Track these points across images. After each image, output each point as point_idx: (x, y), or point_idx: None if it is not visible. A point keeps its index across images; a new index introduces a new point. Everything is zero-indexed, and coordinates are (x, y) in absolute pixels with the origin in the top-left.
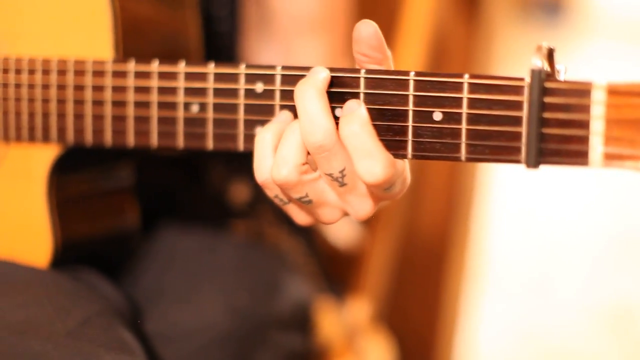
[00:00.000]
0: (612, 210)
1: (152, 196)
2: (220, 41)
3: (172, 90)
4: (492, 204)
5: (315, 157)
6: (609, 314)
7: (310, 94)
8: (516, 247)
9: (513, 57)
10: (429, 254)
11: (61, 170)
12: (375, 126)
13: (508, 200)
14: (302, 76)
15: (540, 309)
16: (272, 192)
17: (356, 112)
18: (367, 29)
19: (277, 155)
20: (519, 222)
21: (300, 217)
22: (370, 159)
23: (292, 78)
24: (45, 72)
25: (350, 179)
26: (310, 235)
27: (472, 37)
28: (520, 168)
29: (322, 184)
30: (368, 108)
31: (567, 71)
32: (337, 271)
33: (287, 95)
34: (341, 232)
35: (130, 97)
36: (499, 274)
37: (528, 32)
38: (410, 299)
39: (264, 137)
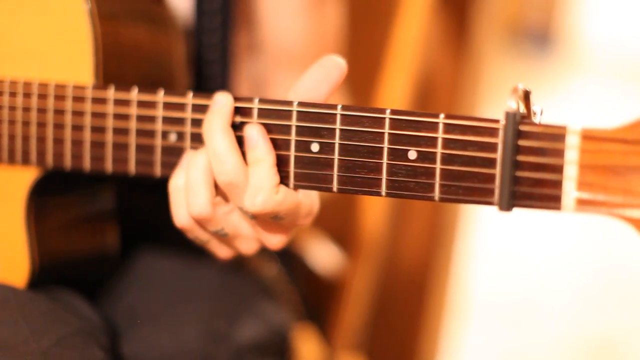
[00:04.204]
0: (595, 246)
1: (133, 220)
2: (210, 69)
3: (151, 119)
4: (475, 236)
5: (226, 192)
6: (592, 348)
7: (217, 131)
8: (498, 280)
9: (501, 89)
10: (410, 285)
11: (40, 193)
12: (350, 162)
13: (491, 233)
14: (280, 111)
15: (521, 342)
16: (192, 234)
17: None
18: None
19: (188, 192)
20: (501, 255)
21: (221, 251)
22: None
23: (270, 112)
24: (27, 95)
25: None
26: (291, 263)
27: (460, 69)
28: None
29: (235, 216)
30: (343, 144)
31: (544, 113)
32: (317, 299)
33: (266, 127)
34: (323, 261)
35: (110, 123)
36: (480, 306)
37: (517, 64)
38: (390, 329)
39: (177, 183)
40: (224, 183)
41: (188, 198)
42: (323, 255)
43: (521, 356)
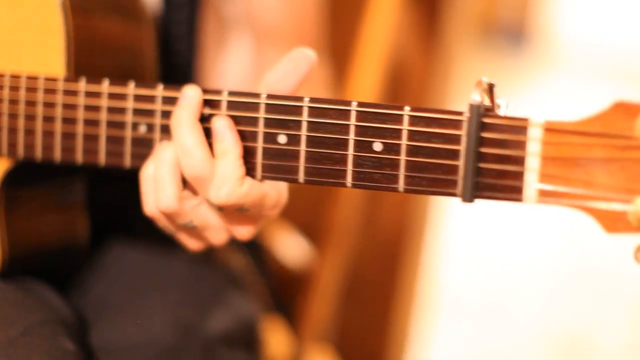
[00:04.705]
0: (566, 242)
1: (104, 211)
2: (178, 59)
3: (121, 110)
4: (446, 230)
5: (194, 184)
6: (560, 343)
7: (184, 125)
8: (469, 273)
9: (473, 85)
10: (379, 276)
11: (11, 184)
12: (316, 154)
13: (462, 228)
14: (248, 103)
15: (491, 336)
16: (161, 222)
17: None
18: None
19: (156, 186)
20: (471, 250)
21: (190, 243)
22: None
23: (238, 104)
24: None
25: None
26: (259, 255)
27: (430, 63)
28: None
29: (203, 209)
30: (310, 136)
31: (509, 106)
32: (286, 291)
33: (234, 119)
34: (291, 253)
35: (80, 115)
36: (450, 299)
37: (490, 60)
38: (359, 320)
39: (147, 173)
40: (191, 176)
41: (156, 193)
42: (291, 248)
43: (490, 350)
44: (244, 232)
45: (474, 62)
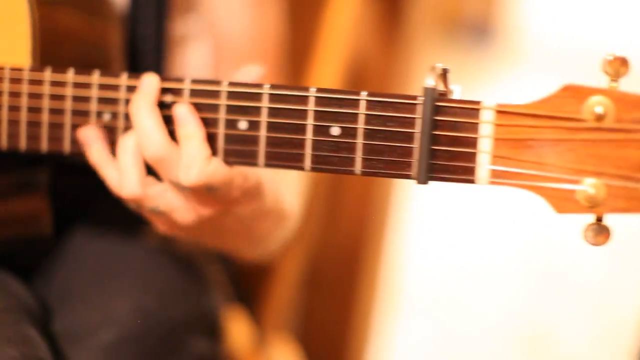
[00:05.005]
0: (532, 238)
1: (67, 201)
2: (145, 60)
3: (86, 99)
4: (410, 219)
5: (156, 168)
6: (525, 336)
7: (143, 110)
8: (432, 265)
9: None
10: (342, 267)
11: None
12: (276, 139)
13: (426, 217)
14: (211, 92)
15: (455, 328)
16: (131, 206)
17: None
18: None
19: (120, 173)
20: (435, 240)
21: (160, 225)
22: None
23: (200, 92)
24: None
25: None
26: None
27: (392, 58)
28: (434, 186)
29: (169, 195)
30: (270, 122)
31: (462, 92)
32: (247, 281)
33: (196, 107)
34: None
35: (46, 104)
36: (414, 290)
37: (454, 56)
38: (322, 310)
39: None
40: (153, 159)
41: (120, 179)
42: None
43: (453, 341)
44: (212, 212)
45: (437, 58)
